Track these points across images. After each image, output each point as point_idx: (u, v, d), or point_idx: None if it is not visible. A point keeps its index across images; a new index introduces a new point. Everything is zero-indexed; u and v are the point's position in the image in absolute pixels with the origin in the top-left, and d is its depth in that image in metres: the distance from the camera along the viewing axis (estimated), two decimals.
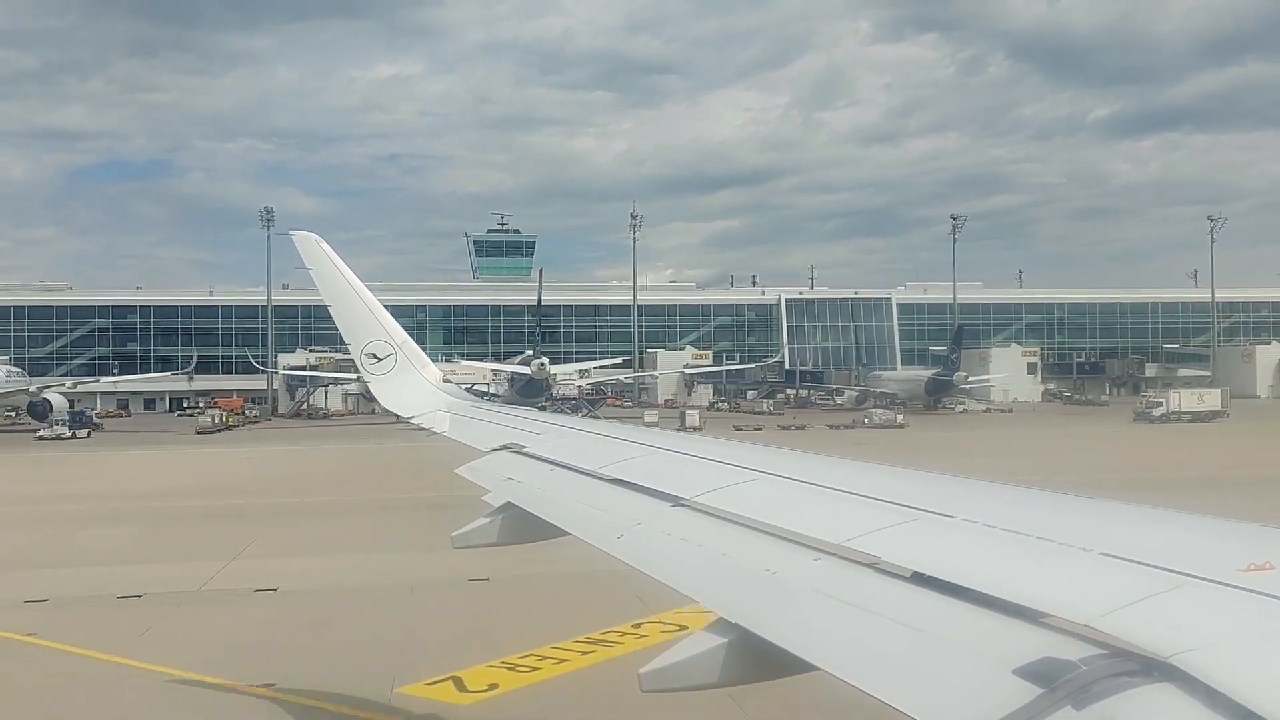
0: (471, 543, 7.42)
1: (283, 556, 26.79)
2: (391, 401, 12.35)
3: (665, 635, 15.97)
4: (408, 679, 15.54)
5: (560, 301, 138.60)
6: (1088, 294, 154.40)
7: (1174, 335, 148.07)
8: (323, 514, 34.75)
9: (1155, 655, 2.73)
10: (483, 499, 7.60)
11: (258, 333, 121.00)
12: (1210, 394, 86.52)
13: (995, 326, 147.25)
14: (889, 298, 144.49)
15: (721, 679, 4.07)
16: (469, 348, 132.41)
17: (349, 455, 59.30)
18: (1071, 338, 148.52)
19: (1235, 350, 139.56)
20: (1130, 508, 4.25)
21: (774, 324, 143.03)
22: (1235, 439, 64.83)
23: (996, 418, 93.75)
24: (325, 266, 12.57)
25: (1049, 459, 50.31)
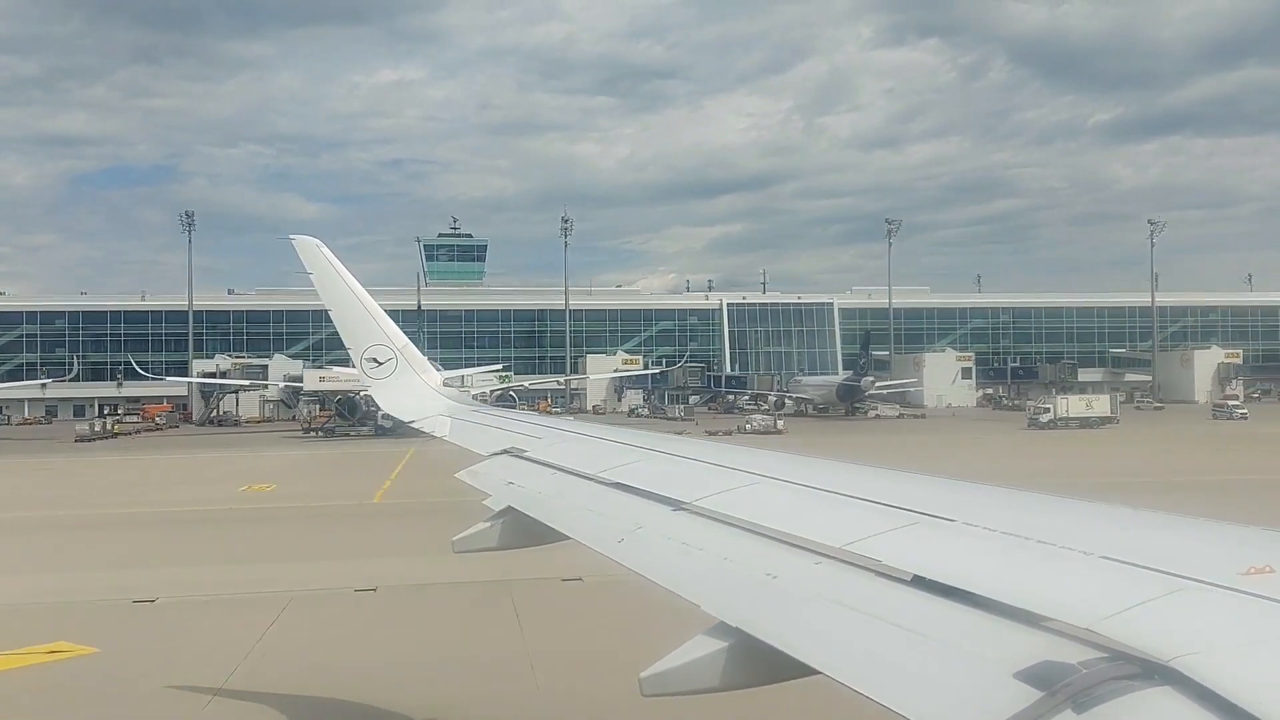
0: (472, 547, 7.41)
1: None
2: (392, 405, 12.38)
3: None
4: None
5: (501, 307, 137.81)
6: (1034, 298, 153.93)
7: (1122, 340, 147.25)
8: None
9: (1156, 658, 2.73)
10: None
11: (194, 339, 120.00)
12: (1099, 400, 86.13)
13: (940, 331, 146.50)
14: (831, 302, 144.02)
15: (723, 683, 4.05)
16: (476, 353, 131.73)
17: (176, 465, 58.66)
18: (1018, 342, 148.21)
19: (1175, 355, 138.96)
20: (1131, 511, 4.26)
21: (716, 329, 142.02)
22: (1109, 444, 64.06)
23: (904, 423, 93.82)
24: (325, 271, 12.57)
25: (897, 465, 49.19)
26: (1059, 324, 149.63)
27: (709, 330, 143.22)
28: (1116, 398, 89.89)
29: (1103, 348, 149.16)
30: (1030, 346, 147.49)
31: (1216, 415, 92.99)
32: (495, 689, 15.79)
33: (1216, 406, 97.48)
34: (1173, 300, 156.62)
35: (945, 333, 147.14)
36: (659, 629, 4.99)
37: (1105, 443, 66.03)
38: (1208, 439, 68.10)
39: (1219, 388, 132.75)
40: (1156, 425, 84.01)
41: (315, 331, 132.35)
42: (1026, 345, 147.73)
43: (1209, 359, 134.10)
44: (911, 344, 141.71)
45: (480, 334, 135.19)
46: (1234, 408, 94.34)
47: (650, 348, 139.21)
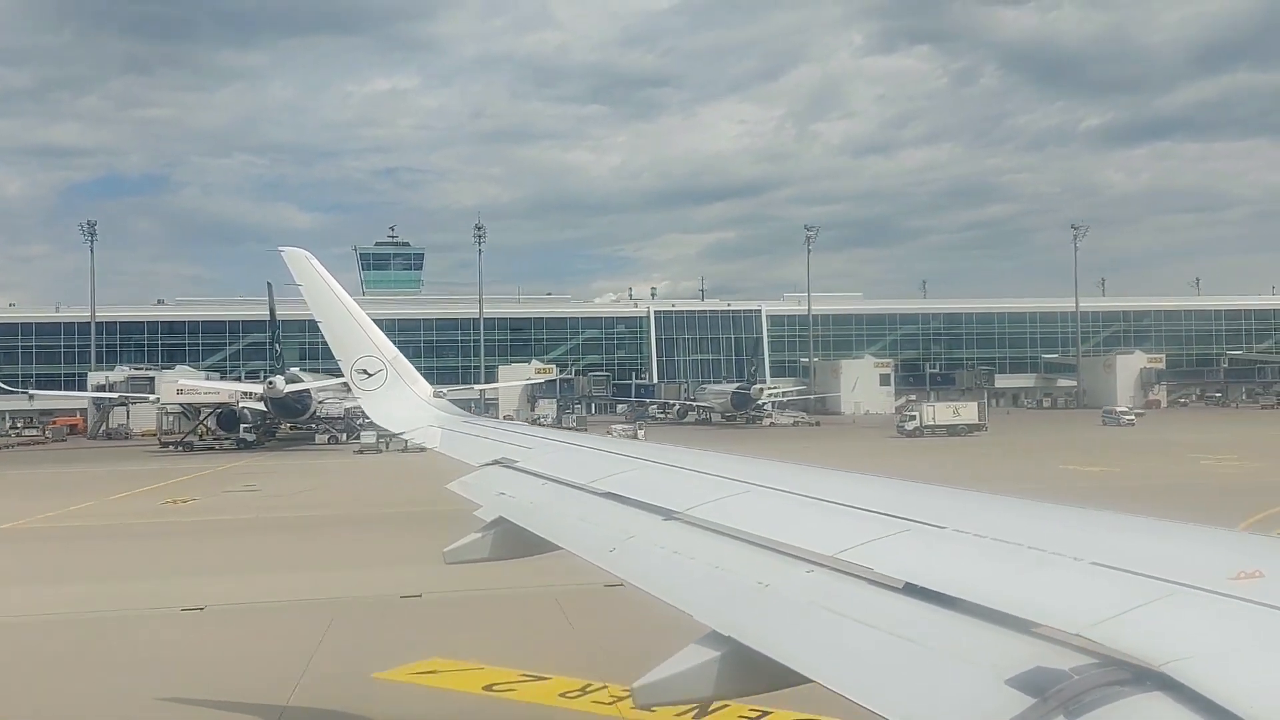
0: (463, 558, 7.40)
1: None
2: (382, 417, 12.39)
3: None
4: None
5: (428, 316, 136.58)
6: (966, 304, 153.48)
7: (1054, 345, 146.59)
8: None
9: (1147, 664, 2.76)
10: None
11: (115, 351, 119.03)
12: (966, 407, 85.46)
13: (870, 338, 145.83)
14: (759, 309, 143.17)
15: (715, 692, 4.06)
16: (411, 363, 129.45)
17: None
18: (949, 348, 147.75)
19: (1098, 360, 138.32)
20: (1121, 517, 4.30)
21: (643, 336, 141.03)
22: (943, 452, 63.36)
23: (790, 430, 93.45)
24: (315, 283, 12.53)
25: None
26: (990, 329, 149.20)
27: (637, 338, 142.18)
28: (984, 405, 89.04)
29: (1035, 353, 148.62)
30: (962, 352, 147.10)
31: (1105, 421, 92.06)
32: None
33: (1106, 412, 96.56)
34: (1105, 305, 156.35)
35: (875, 339, 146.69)
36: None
37: (943, 450, 65.45)
38: (1060, 446, 67.21)
39: (1141, 393, 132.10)
40: (1025, 433, 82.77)
41: (233, 342, 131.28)
42: (958, 351, 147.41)
43: (1131, 364, 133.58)
44: (841, 350, 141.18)
45: (406, 343, 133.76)
46: (1121, 414, 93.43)
47: (577, 356, 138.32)
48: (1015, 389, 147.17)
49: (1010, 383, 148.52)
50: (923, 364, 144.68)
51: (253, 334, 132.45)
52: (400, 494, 40.94)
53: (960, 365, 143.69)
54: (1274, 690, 2.56)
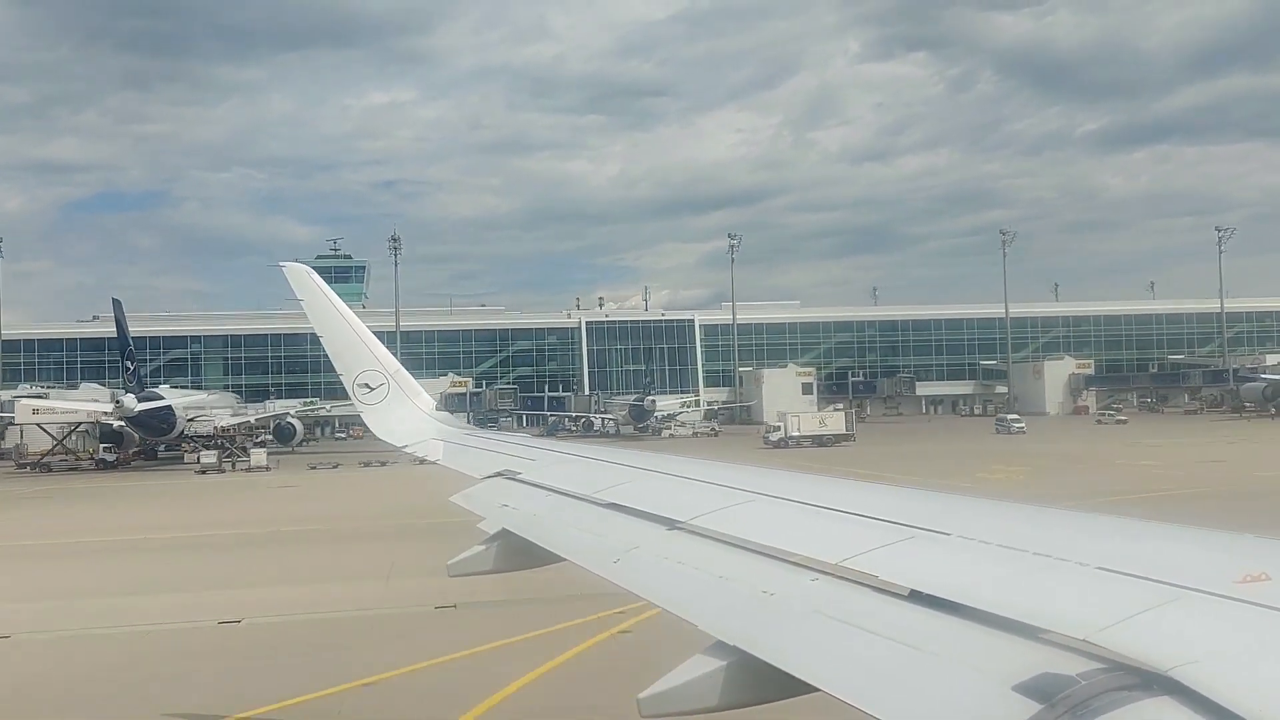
0: (467, 570, 7.43)
1: None
2: (385, 431, 12.32)
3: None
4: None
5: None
6: (902, 311, 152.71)
7: (993, 351, 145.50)
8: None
9: (1154, 669, 2.78)
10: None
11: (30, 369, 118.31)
12: (833, 417, 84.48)
13: (805, 346, 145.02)
14: (692, 319, 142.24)
15: (721, 702, 4.04)
16: (323, 377, 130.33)
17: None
18: (885, 356, 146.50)
19: (1028, 366, 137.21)
20: (1126, 521, 4.31)
21: (576, 348, 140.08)
22: (796, 464, 61.79)
23: (682, 442, 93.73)
24: (316, 298, 12.70)
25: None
26: (927, 337, 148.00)
27: (569, 349, 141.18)
28: (851, 415, 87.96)
29: (973, 359, 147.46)
30: (899, 360, 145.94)
31: (998, 429, 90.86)
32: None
33: (998, 420, 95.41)
34: (1044, 311, 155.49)
35: (809, 348, 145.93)
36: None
37: (782, 461, 64.09)
38: (916, 457, 66.17)
39: (1070, 398, 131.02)
40: (895, 443, 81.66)
41: (154, 359, 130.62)
42: (894, 359, 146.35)
43: (1060, 370, 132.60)
44: (776, 359, 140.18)
45: (324, 359, 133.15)
46: (1012, 422, 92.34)
47: (508, 368, 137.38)
48: (954, 396, 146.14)
49: (949, 389, 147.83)
50: (857, 372, 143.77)
51: (175, 349, 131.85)
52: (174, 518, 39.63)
53: (895, 373, 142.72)
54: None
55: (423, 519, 33.44)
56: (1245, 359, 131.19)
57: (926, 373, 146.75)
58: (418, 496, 30.30)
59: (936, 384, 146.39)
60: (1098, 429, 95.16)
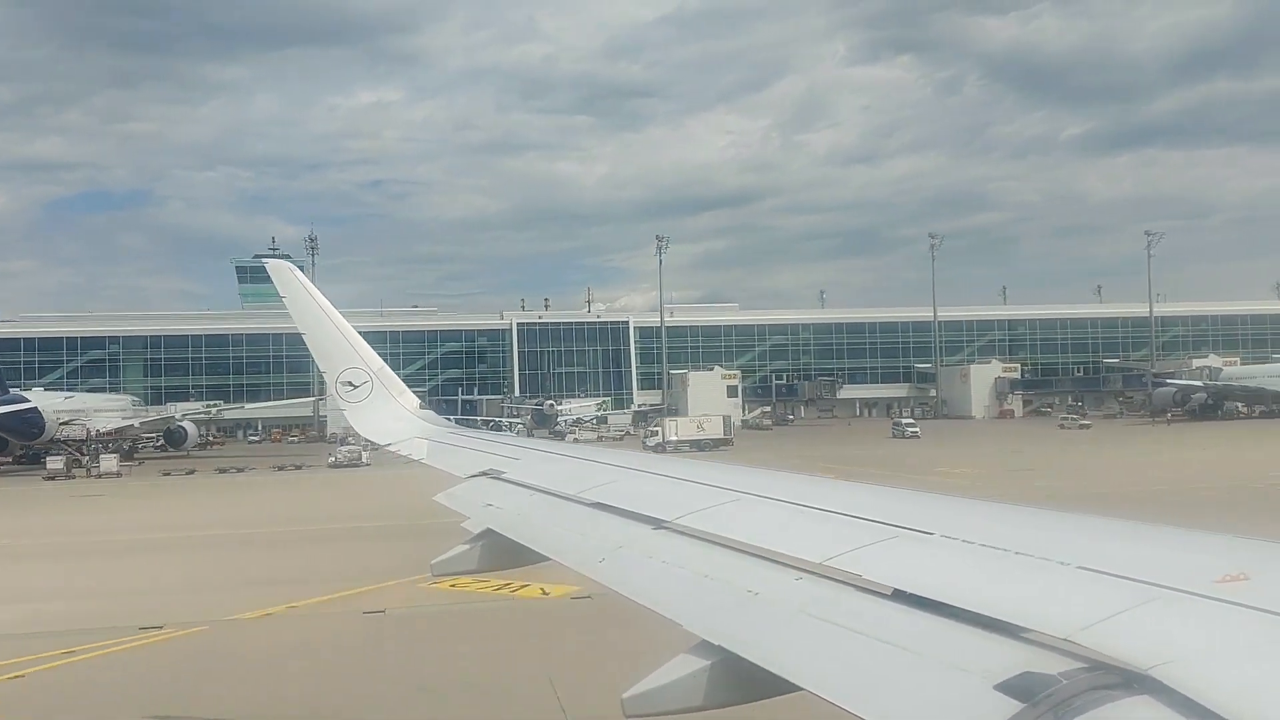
0: (451, 570, 7.41)
1: None
2: (368, 429, 12.37)
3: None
4: None
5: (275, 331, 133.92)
6: (838, 314, 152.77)
7: (927, 355, 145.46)
8: None
9: (1134, 668, 2.82)
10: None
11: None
12: (711, 421, 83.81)
13: (739, 349, 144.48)
14: (627, 321, 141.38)
15: (706, 702, 4.07)
16: (237, 379, 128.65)
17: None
18: (820, 359, 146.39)
19: (955, 370, 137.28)
20: (1107, 521, 4.36)
21: (506, 350, 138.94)
22: None
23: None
24: (299, 295, 12.63)
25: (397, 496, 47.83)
26: (862, 340, 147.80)
27: (499, 351, 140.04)
28: (730, 420, 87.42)
29: (908, 362, 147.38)
30: (833, 363, 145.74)
31: (894, 434, 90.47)
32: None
33: (895, 425, 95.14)
34: (979, 314, 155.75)
35: (744, 350, 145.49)
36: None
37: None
38: (775, 465, 65.04)
39: (996, 402, 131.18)
40: (776, 448, 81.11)
41: (71, 359, 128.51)
42: (829, 361, 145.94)
43: (986, 374, 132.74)
44: (711, 363, 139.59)
45: (250, 361, 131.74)
46: (907, 425, 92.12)
47: (436, 370, 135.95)
48: (889, 398, 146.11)
49: (884, 392, 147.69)
50: (790, 374, 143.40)
51: (92, 350, 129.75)
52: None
53: (830, 375, 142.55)
54: (1260, 692, 2.61)
55: (165, 533, 32.32)
56: (1174, 363, 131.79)
57: (861, 375, 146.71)
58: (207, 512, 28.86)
59: (871, 387, 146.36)
60: (986, 434, 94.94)
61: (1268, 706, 2.54)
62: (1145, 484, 45.77)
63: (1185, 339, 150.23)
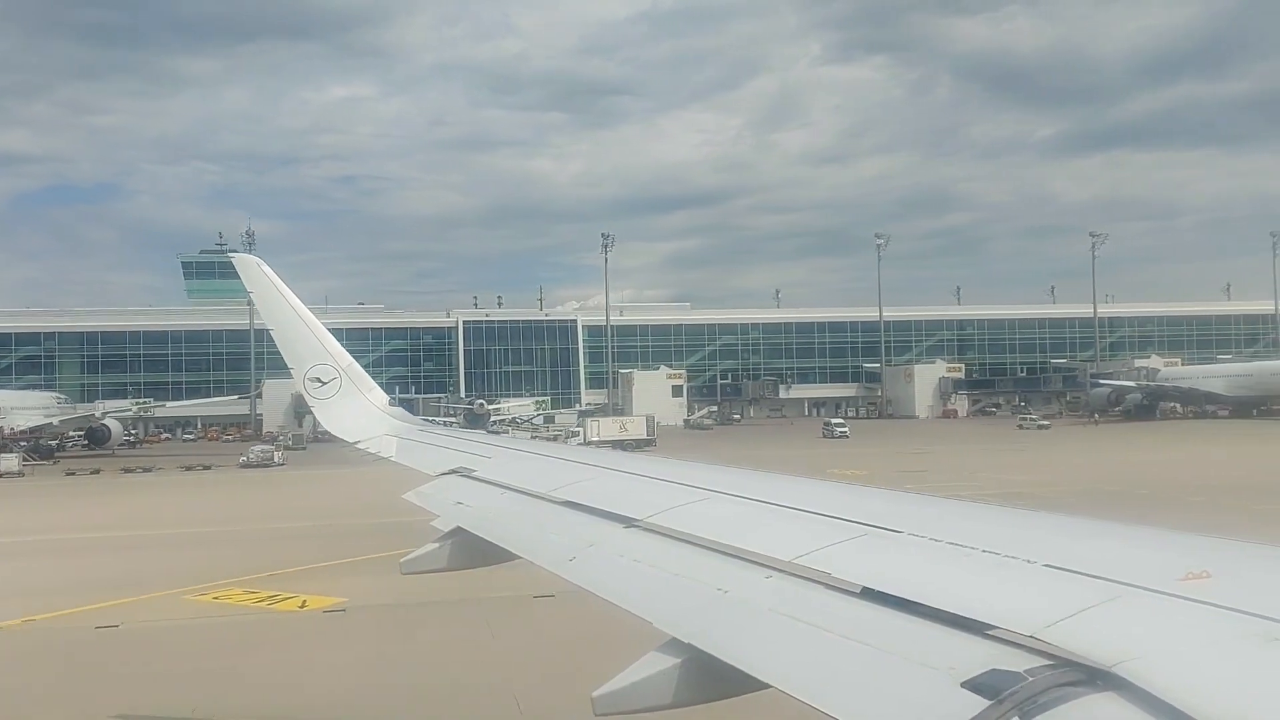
0: (420, 569, 7.35)
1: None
2: (336, 426, 12.14)
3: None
4: None
5: (212, 327, 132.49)
6: (786, 314, 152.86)
7: (875, 354, 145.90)
8: None
9: (1099, 665, 2.84)
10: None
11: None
12: (634, 422, 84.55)
13: (689, 348, 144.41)
14: (575, 319, 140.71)
15: (675, 700, 4.07)
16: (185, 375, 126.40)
17: None
18: (769, 358, 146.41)
19: (899, 369, 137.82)
20: (1073, 520, 4.44)
21: (452, 348, 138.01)
22: None
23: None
24: (267, 290, 12.64)
25: (315, 499, 47.86)
26: (811, 339, 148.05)
27: (444, 349, 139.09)
28: (653, 420, 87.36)
29: (857, 362, 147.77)
30: (782, 362, 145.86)
31: (824, 434, 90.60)
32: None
33: (825, 425, 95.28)
34: (928, 314, 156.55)
35: (694, 350, 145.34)
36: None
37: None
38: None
39: (939, 401, 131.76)
40: (700, 449, 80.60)
41: (5, 355, 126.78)
42: (778, 361, 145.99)
43: (930, 374, 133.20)
44: (660, 362, 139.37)
45: (190, 358, 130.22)
46: (836, 426, 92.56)
47: (381, 368, 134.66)
48: (838, 398, 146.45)
49: (833, 392, 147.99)
50: (740, 373, 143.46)
51: (27, 346, 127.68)
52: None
53: (779, 375, 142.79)
54: (1222, 689, 2.63)
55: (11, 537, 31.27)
56: (1118, 364, 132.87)
57: (811, 375, 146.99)
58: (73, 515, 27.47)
59: (820, 386, 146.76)
60: (915, 434, 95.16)
61: (1230, 702, 2.55)
62: (1004, 486, 45.82)
63: (1131, 339, 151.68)
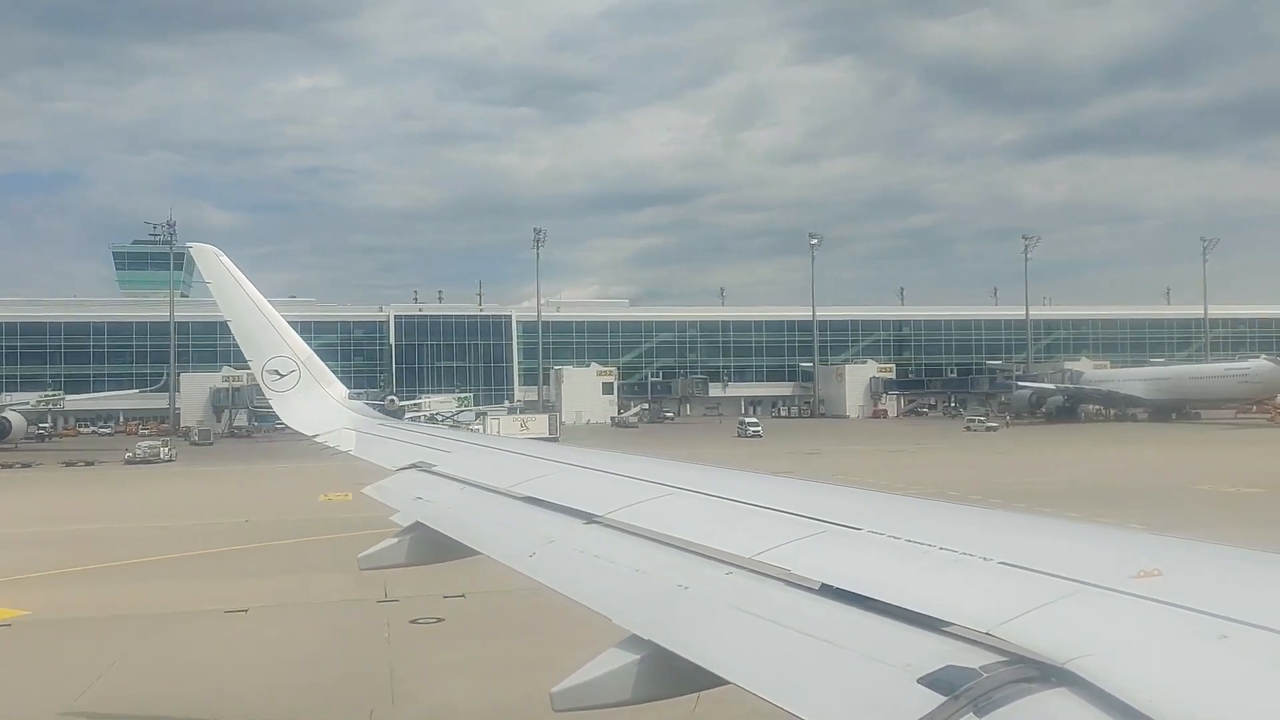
0: (379, 564, 7.27)
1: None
2: (295, 419, 11.87)
3: None
4: None
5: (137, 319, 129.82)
6: (723, 312, 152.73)
7: (810, 353, 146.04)
8: None
9: (1052, 661, 2.89)
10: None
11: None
12: (536, 420, 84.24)
13: (626, 345, 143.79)
14: (509, 315, 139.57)
15: (634, 696, 4.09)
16: (107, 368, 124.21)
17: None
18: (705, 356, 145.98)
19: (832, 369, 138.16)
20: (1028, 518, 4.48)
21: (384, 344, 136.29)
22: None
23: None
24: (225, 280, 12.25)
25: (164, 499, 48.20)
26: (748, 338, 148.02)
27: (375, 345, 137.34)
28: (555, 418, 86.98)
29: (793, 361, 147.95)
30: (718, 361, 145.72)
31: (739, 433, 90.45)
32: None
33: (739, 424, 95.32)
34: (865, 315, 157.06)
35: (631, 347, 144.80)
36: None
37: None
38: None
39: (870, 401, 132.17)
40: (595, 448, 79.47)
41: None
42: (715, 359, 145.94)
43: (862, 373, 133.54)
44: (597, 358, 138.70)
45: (115, 350, 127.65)
46: (749, 425, 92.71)
47: None
48: (775, 396, 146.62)
49: (770, 391, 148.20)
50: (678, 370, 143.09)
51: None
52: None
53: (716, 373, 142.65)
54: (1171, 685, 2.67)
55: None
56: (1049, 366, 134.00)
57: (748, 373, 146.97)
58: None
59: (757, 385, 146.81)
60: (830, 433, 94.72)
61: (1180, 698, 2.59)
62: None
63: (1066, 342, 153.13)
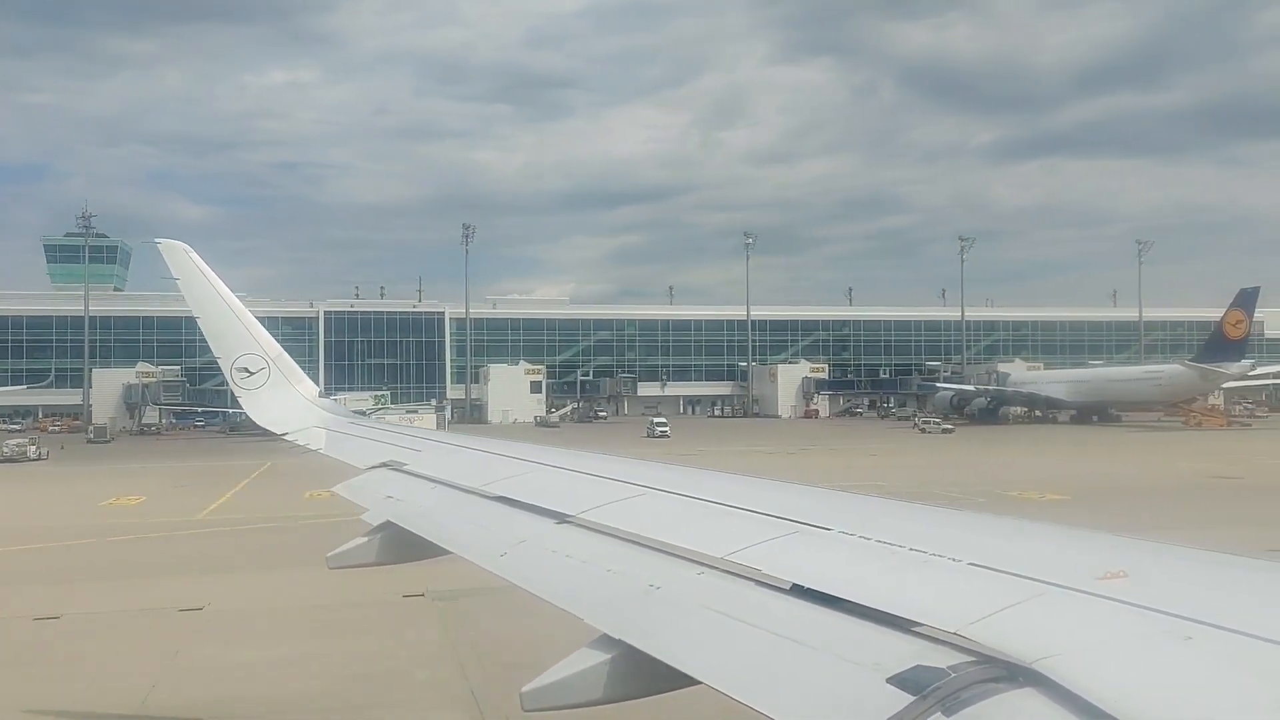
0: (347, 563, 7.20)
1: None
2: (264, 417, 11.81)
3: None
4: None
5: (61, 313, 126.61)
6: (664, 311, 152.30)
7: (747, 353, 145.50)
8: None
9: (1020, 661, 2.92)
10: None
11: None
12: (423, 420, 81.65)
13: (564, 344, 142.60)
14: (442, 312, 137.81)
15: (605, 695, 4.10)
16: (17, 363, 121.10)
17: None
18: (645, 355, 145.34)
19: (766, 369, 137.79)
20: (997, 520, 4.54)
21: (313, 340, 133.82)
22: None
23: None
24: (194, 277, 12.07)
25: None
26: (687, 337, 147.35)
27: (305, 341, 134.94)
28: (445, 416, 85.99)
29: (732, 361, 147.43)
30: (657, 360, 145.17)
31: (648, 434, 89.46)
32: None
33: (649, 424, 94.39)
34: (804, 315, 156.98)
35: (568, 345, 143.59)
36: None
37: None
38: None
39: (803, 401, 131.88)
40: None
41: None
42: (654, 358, 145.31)
43: (794, 373, 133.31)
44: (533, 356, 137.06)
45: (31, 345, 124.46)
46: (658, 425, 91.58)
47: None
48: (714, 396, 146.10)
49: (708, 390, 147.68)
50: (615, 369, 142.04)
51: None
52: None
53: (654, 372, 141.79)
54: (1137, 685, 2.71)
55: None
56: (982, 367, 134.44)
57: (688, 373, 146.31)
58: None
59: (695, 384, 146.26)
60: (747, 434, 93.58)
61: (1145, 698, 2.63)
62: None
63: (1005, 343, 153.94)
